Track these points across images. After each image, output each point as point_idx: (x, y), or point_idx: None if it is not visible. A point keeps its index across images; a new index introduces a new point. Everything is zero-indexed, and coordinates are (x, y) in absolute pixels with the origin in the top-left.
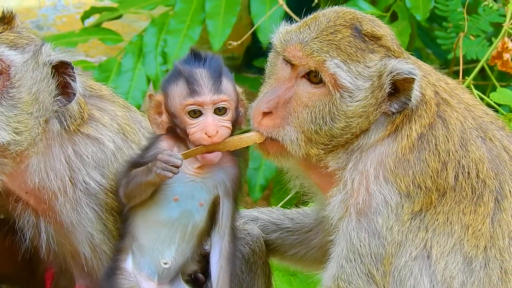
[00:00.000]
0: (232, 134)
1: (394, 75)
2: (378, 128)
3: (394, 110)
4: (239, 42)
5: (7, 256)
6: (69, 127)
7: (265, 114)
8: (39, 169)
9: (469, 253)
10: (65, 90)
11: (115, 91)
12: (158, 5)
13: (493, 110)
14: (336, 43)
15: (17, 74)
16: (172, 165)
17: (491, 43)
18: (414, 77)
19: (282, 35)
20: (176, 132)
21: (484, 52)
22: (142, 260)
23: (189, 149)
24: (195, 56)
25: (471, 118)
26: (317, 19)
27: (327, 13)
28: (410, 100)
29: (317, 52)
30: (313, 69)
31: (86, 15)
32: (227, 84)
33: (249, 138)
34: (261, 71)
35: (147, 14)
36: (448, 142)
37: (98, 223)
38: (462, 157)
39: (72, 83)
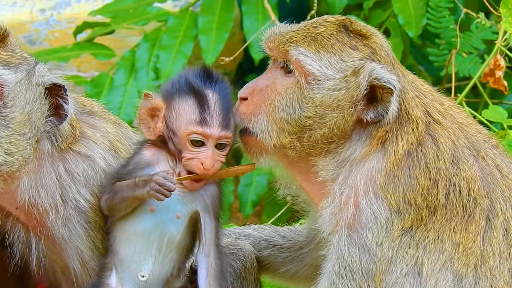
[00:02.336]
0: None
1: (372, 78)
2: (360, 139)
3: (368, 119)
4: (231, 58)
5: None
6: (60, 146)
7: (242, 100)
8: (29, 187)
9: (459, 270)
10: (57, 111)
11: (107, 107)
12: (151, 20)
13: (485, 128)
14: (314, 35)
15: (10, 94)
16: (166, 189)
17: (483, 60)
18: (392, 88)
19: (269, 30)
20: (165, 142)
21: (477, 69)
22: (123, 275)
23: (174, 162)
24: (207, 75)
25: (464, 137)
26: (312, 20)
27: (326, 16)
28: (386, 113)
29: (285, 43)
30: (279, 59)
31: (78, 30)
32: (232, 119)
33: (234, 172)
34: None
35: (139, 30)
36: (439, 160)
37: (88, 240)
38: (453, 175)
39: (64, 105)
